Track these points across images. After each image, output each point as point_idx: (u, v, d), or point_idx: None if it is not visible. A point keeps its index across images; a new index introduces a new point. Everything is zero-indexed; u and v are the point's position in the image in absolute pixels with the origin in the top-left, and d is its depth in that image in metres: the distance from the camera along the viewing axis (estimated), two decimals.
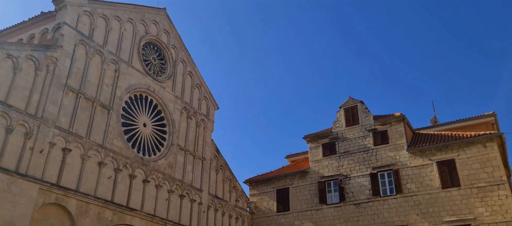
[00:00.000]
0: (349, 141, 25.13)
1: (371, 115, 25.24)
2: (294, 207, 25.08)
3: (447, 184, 21.10)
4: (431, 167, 21.90)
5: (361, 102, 26.11)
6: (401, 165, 22.77)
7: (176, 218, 19.85)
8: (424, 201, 21.33)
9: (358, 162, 24.19)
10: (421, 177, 21.97)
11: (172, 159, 20.75)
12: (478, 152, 20.96)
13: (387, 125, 24.31)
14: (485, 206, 19.67)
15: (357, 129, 25.22)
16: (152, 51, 21.85)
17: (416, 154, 22.56)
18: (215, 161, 24.08)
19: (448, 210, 20.50)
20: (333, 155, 25.27)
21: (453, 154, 21.55)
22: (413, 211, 21.40)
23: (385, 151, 23.67)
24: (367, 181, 23.40)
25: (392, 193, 22.49)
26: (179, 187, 20.61)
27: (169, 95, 21.91)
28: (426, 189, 21.55)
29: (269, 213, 25.78)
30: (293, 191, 25.62)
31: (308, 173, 25.56)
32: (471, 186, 20.37)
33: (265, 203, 26.23)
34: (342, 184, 24.06)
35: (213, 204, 22.79)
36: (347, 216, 23.10)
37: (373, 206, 22.61)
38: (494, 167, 20.29)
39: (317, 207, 24.29)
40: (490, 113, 24.73)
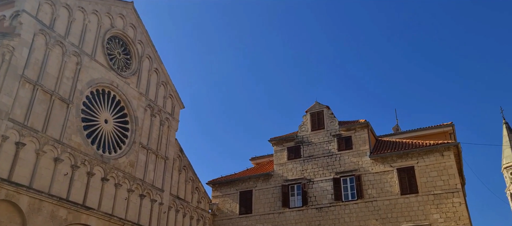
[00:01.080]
0: (314, 145, 25.37)
1: (337, 120, 25.61)
2: (256, 210, 25.02)
3: (406, 191, 21.68)
4: (391, 174, 22.43)
5: (327, 107, 26.44)
6: (363, 171, 23.21)
7: (135, 218, 19.30)
8: (383, 206, 21.81)
9: (322, 166, 24.45)
10: (382, 183, 22.46)
11: (134, 158, 20.19)
12: (436, 160, 21.67)
13: (352, 131, 24.72)
14: (440, 212, 20.35)
15: (322, 134, 25.51)
16: (117, 46, 21.22)
17: (378, 160, 23.05)
18: (178, 161, 23.65)
19: (406, 216, 21.05)
20: (297, 159, 25.42)
21: (413, 162, 22.17)
22: (372, 216, 21.83)
23: (348, 157, 24.05)
24: (330, 186, 23.68)
25: (354, 198, 22.86)
26: (140, 187, 20.07)
27: (133, 91, 21.34)
28: (386, 195, 22.05)
29: (231, 215, 25.59)
30: (256, 193, 25.56)
31: (272, 176, 25.59)
32: (428, 193, 21.02)
33: (228, 205, 26.03)
34: (305, 188, 24.23)
35: (175, 204, 22.36)
36: (309, 220, 23.27)
37: (335, 211, 22.90)
38: (450, 175, 21.03)
39: (279, 211, 24.34)
40: (449, 123, 25.70)
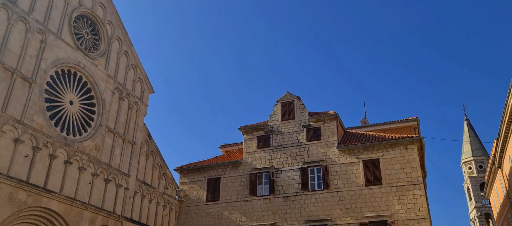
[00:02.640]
0: (283, 135, 25.56)
1: (307, 111, 25.87)
2: (224, 197, 25.06)
3: (371, 182, 22.25)
4: (357, 165, 22.93)
5: (298, 98, 26.64)
6: (331, 162, 23.61)
7: (99, 202, 18.92)
8: (348, 197, 22.31)
9: (291, 156, 24.70)
10: (347, 174, 22.94)
11: (100, 141, 19.72)
12: (400, 154, 22.31)
13: (321, 122, 25.05)
14: (401, 203, 21.05)
15: (292, 124, 25.72)
16: (85, 25, 20.51)
17: (345, 152, 23.50)
18: (146, 146, 23.30)
19: (369, 206, 21.64)
20: (267, 148, 25.56)
21: (378, 154, 22.74)
22: (337, 206, 22.31)
23: (316, 147, 24.38)
24: (297, 175, 23.97)
25: (320, 188, 23.26)
26: (105, 171, 19.65)
27: (101, 73, 20.75)
28: (351, 186, 22.55)
29: (198, 202, 25.53)
30: (224, 181, 25.58)
31: (241, 164, 25.65)
32: (391, 185, 21.66)
33: (195, 192, 25.94)
34: (273, 176, 24.44)
35: (141, 190, 22.06)
36: (276, 208, 23.54)
37: (301, 200, 23.25)
38: (412, 168, 21.73)
39: (247, 198, 24.48)
40: (414, 117, 26.48)
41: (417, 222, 20.38)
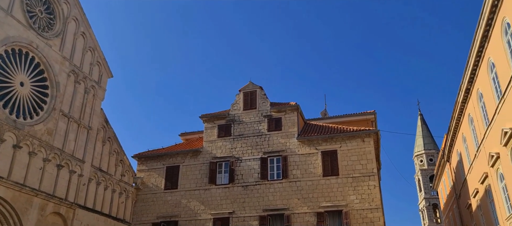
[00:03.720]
0: (244, 124, 25.58)
1: (269, 101, 25.99)
2: (182, 185, 24.83)
3: (328, 173, 22.78)
4: (316, 156, 23.38)
5: (260, 88, 26.70)
6: (290, 152, 23.93)
7: (50, 189, 18.16)
8: (306, 187, 22.75)
9: (251, 145, 24.79)
10: (306, 165, 23.35)
11: (52, 125, 18.85)
12: (357, 146, 22.97)
13: (282, 113, 25.27)
14: (356, 194, 21.75)
15: (253, 114, 25.77)
16: (39, 3, 19.38)
17: (305, 143, 23.88)
18: (103, 132, 22.56)
19: (325, 196, 22.19)
20: (227, 137, 25.50)
21: (336, 146, 23.29)
22: (295, 195, 22.71)
23: (277, 138, 24.61)
24: (257, 165, 24.13)
25: (279, 178, 23.56)
26: (58, 156, 18.85)
27: (56, 55, 19.76)
28: (309, 176, 22.99)
29: (156, 190, 25.15)
30: (183, 169, 25.31)
31: (201, 152, 25.46)
32: (347, 176, 22.30)
33: (153, 179, 25.51)
34: (233, 165, 24.47)
35: (96, 177, 21.39)
36: (234, 197, 23.62)
37: (260, 189, 23.45)
38: (368, 160, 22.46)
39: (206, 187, 24.38)
40: (371, 111, 27.34)
41: (370, 211, 21.16)
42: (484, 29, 16.29)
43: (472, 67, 18.76)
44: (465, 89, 20.68)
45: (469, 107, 21.33)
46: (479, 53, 17.69)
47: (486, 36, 16.55)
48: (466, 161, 24.05)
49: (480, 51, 17.57)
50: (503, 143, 15.96)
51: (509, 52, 14.66)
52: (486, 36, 16.52)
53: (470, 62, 18.75)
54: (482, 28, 16.39)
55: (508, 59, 14.76)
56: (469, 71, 19.28)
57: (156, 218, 24.32)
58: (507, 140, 15.58)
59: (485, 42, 16.89)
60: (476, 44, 17.45)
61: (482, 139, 19.43)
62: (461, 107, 22.45)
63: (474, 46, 17.72)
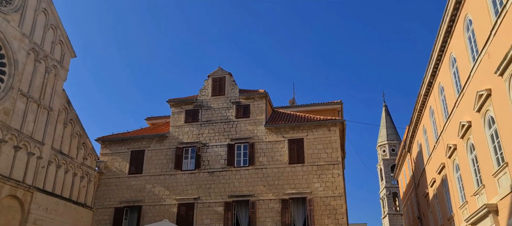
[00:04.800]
0: (212, 110, 25.39)
1: (237, 88, 25.88)
2: (147, 170, 24.44)
3: (294, 161, 23.04)
4: (283, 144, 23.59)
5: (229, 74, 26.51)
6: (257, 139, 24.01)
7: (6, 171, 17.38)
8: (272, 174, 22.95)
9: (218, 132, 24.67)
10: (273, 152, 23.52)
11: (10, 105, 17.97)
12: (323, 135, 23.34)
13: (251, 100, 25.25)
14: (320, 182, 22.18)
15: (222, 100, 25.61)
16: None
17: (272, 130, 24.01)
18: (65, 114, 21.75)
19: (291, 184, 22.49)
20: (195, 123, 25.24)
21: (303, 134, 23.57)
22: (261, 182, 22.88)
23: (245, 124, 24.60)
24: (224, 151, 24.07)
25: (245, 164, 23.62)
26: (15, 138, 18.04)
27: (14, 31, 18.76)
28: (275, 164, 23.19)
29: (120, 175, 24.62)
30: (149, 154, 24.90)
31: (167, 137, 25.10)
32: (313, 164, 22.67)
33: (117, 164, 24.95)
34: (199, 151, 24.30)
35: (56, 160, 20.66)
36: (200, 183, 23.52)
37: (226, 175, 23.45)
38: (333, 149, 22.89)
39: (171, 172, 24.12)
40: (338, 101, 27.82)
41: (333, 199, 21.66)
42: (447, 25, 16.82)
43: (435, 62, 19.38)
44: (427, 83, 21.37)
45: (430, 100, 22.10)
46: (442, 48, 18.29)
47: (449, 31, 17.10)
48: (425, 152, 24.99)
49: (443, 46, 18.16)
50: (460, 135, 16.66)
51: (470, 48, 15.22)
52: (449, 31, 17.07)
53: (433, 57, 19.35)
54: (445, 24, 16.91)
55: (468, 55, 15.32)
56: (432, 65, 19.91)
57: (119, 202, 23.88)
58: (464, 133, 16.27)
59: (448, 38, 17.46)
60: (440, 39, 18.01)
61: (441, 131, 20.21)
62: (423, 100, 23.22)
63: (438, 41, 18.28)
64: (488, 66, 13.15)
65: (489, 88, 13.29)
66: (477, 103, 14.20)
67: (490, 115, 13.67)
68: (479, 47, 13.95)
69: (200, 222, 22.62)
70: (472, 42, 14.87)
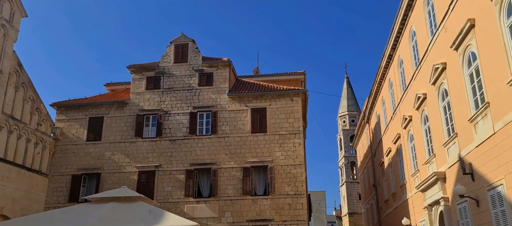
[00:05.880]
0: (175, 78, 24.87)
1: (200, 55, 25.40)
2: (106, 137, 23.82)
3: (256, 130, 23.19)
4: (245, 113, 23.62)
5: (192, 41, 25.92)
6: (220, 108, 23.88)
7: None
8: (234, 143, 23.04)
9: (181, 99, 24.30)
10: (235, 121, 23.53)
11: None
12: (286, 104, 23.55)
13: (214, 68, 24.91)
14: (282, 151, 22.54)
15: (184, 67, 25.09)
16: None
17: (235, 99, 23.93)
18: (16, 77, 20.56)
19: (252, 152, 22.71)
20: (156, 90, 24.68)
21: (266, 104, 23.67)
22: (223, 151, 22.94)
23: (207, 93, 24.34)
24: (186, 119, 23.81)
25: (208, 133, 23.54)
26: None
27: None
28: (238, 132, 23.25)
29: (77, 141, 23.86)
30: (108, 121, 24.20)
31: (128, 104, 24.44)
32: (275, 133, 22.93)
33: (74, 130, 24.12)
34: (161, 119, 23.90)
35: (7, 125, 19.65)
36: (161, 151, 23.26)
37: (188, 144, 23.30)
38: (295, 119, 23.20)
39: (131, 140, 23.65)
40: (301, 71, 28.02)
41: (293, 167, 22.14)
42: None
43: (396, 35, 19.81)
44: (388, 55, 21.89)
45: (390, 73, 22.72)
46: (403, 21, 18.67)
47: (410, 5, 17.43)
48: (383, 122, 25.90)
49: (404, 20, 18.54)
50: (415, 106, 17.32)
51: (429, 22, 15.63)
52: (410, 5, 17.41)
53: (394, 30, 19.76)
54: None
55: (427, 29, 15.74)
56: (393, 38, 20.35)
57: (76, 170, 23.25)
58: (419, 104, 16.92)
59: (409, 11, 17.81)
60: (401, 13, 18.36)
61: (398, 102, 20.93)
62: (383, 72, 23.84)
63: (399, 15, 18.63)
64: (445, 40, 13.58)
65: (445, 62, 13.79)
66: (433, 76, 14.73)
67: (444, 88, 14.24)
68: (438, 21, 14.35)
69: (161, 189, 22.53)
70: (431, 16, 15.26)
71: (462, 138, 12.81)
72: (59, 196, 22.89)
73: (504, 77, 9.92)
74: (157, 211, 6.84)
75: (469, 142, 12.20)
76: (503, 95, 10.08)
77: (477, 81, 11.66)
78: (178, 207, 21.80)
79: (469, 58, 12.15)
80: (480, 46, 11.26)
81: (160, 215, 6.72)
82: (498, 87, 10.32)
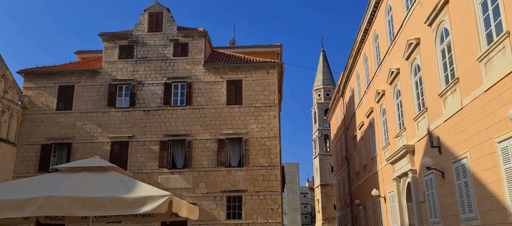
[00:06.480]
0: (149, 47, 24.28)
1: (175, 25, 24.82)
2: (78, 107, 23.22)
3: (232, 102, 23.13)
4: (221, 85, 23.44)
5: (167, 10, 25.24)
6: (195, 79, 23.59)
7: None
8: (209, 114, 22.93)
9: (155, 70, 23.83)
10: (211, 93, 23.35)
11: None
12: (262, 77, 23.49)
13: (189, 38, 24.43)
14: (257, 123, 22.63)
15: (159, 37, 24.50)
16: None
17: (211, 70, 23.66)
18: None
19: (227, 124, 22.70)
20: (130, 59, 24.07)
21: (242, 76, 23.54)
22: (198, 122, 22.83)
23: (182, 63, 23.95)
24: (160, 90, 23.45)
25: (183, 104, 23.30)
26: None
27: None
28: (213, 104, 23.12)
29: (46, 110, 23.17)
30: (79, 90, 23.53)
31: (100, 73, 23.78)
32: (250, 105, 22.94)
33: (43, 99, 23.36)
34: (134, 89, 23.43)
35: None
36: (135, 121, 22.92)
37: (162, 115, 23.04)
38: (270, 91, 23.23)
39: (104, 110, 23.14)
40: (278, 44, 27.90)
41: (268, 140, 22.32)
42: None
43: (372, 9, 19.88)
44: (364, 30, 22.02)
45: (365, 47, 22.93)
46: None
47: None
48: (357, 96, 26.31)
49: None
50: (389, 81, 17.63)
51: None
52: None
53: (371, 4, 19.81)
54: None
55: (403, 4, 15.84)
56: (369, 13, 20.43)
57: (46, 139, 22.67)
58: (392, 79, 17.22)
59: None
60: None
61: (372, 77, 21.24)
62: (358, 47, 24.03)
63: None
64: (420, 15, 13.73)
65: (419, 37, 13.99)
66: (407, 51, 14.95)
67: (417, 63, 14.51)
68: None
69: (135, 160, 22.34)
70: None
71: (431, 112, 13.18)
72: (28, 165, 22.36)
73: (474, 54, 10.17)
74: (130, 181, 6.76)
75: (438, 117, 12.58)
76: (472, 71, 10.36)
77: (449, 57, 11.92)
78: (152, 178, 21.73)
79: (442, 34, 12.36)
80: (453, 22, 11.45)
81: (132, 185, 6.66)
82: (468, 63, 10.59)
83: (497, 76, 9.14)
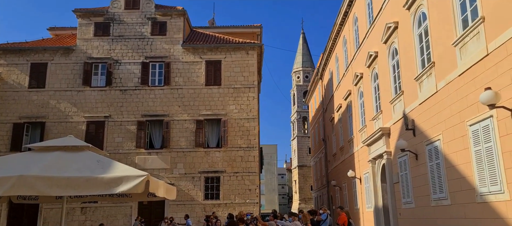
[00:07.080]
0: (126, 25, 23.69)
1: (153, 3, 24.25)
2: (51, 85, 22.58)
3: (210, 82, 22.97)
4: (200, 65, 23.19)
5: None
6: (174, 59, 23.25)
7: None
8: (188, 95, 22.72)
9: (132, 48, 23.33)
10: (189, 73, 23.09)
11: None
12: (241, 58, 23.35)
13: (168, 17, 23.96)
14: (235, 104, 22.59)
15: (136, 15, 23.91)
16: None
17: (189, 50, 23.35)
18: None
19: (206, 105, 22.57)
20: (105, 37, 23.46)
21: (221, 56, 23.33)
22: (176, 102, 22.61)
23: (160, 43, 23.52)
24: (137, 69, 23.03)
25: (161, 84, 22.99)
26: None
27: None
28: (192, 84, 22.91)
29: (18, 88, 22.44)
30: (52, 67, 22.85)
31: (74, 51, 23.11)
32: (229, 86, 22.83)
33: (15, 76, 22.60)
34: (111, 68, 22.92)
35: None
36: (111, 101, 22.50)
37: (140, 94, 22.69)
38: (250, 73, 23.15)
39: (79, 88, 22.59)
40: (258, 25, 27.72)
41: (247, 121, 22.35)
42: None
43: None
44: (344, 12, 22.07)
45: (345, 30, 23.03)
46: None
47: None
48: (335, 79, 26.54)
49: None
50: (367, 64, 17.83)
51: None
52: None
53: None
54: None
55: None
56: None
57: (18, 118, 22.02)
58: (370, 62, 17.41)
59: None
60: None
61: (351, 60, 21.42)
62: (338, 29, 24.11)
63: None
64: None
65: (397, 21, 14.13)
66: (385, 35, 15.10)
67: (395, 47, 14.69)
68: None
69: (111, 140, 22.01)
70: None
71: (407, 95, 13.44)
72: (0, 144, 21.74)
73: (450, 38, 10.36)
74: (106, 161, 6.65)
75: (414, 100, 12.84)
76: (447, 55, 10.57)
77: (425, 41, 12.11)
78: (129, 158, 21.49)
79: (419, 18, 12.51)
80: (431, 6, 11.60)
81: (109, 165, 6.55)
82: (443, 47, 10.79)
83: (471, 61, 9.36)
